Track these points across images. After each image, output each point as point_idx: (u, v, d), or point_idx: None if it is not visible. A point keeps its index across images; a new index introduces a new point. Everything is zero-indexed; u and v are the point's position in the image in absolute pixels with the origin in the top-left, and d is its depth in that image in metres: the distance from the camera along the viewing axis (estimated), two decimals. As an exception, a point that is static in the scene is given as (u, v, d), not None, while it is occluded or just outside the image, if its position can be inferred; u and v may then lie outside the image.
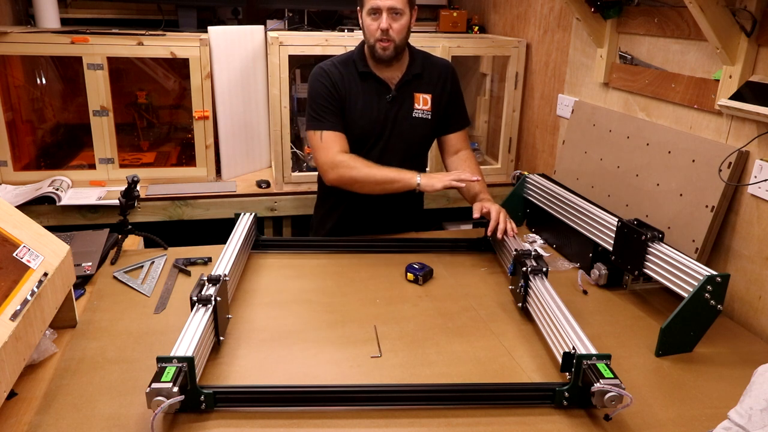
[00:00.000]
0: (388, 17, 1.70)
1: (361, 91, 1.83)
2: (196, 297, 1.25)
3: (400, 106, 1.85)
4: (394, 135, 1.86)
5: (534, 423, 1.10)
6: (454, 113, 1.93)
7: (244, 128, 2.63)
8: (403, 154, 1.89)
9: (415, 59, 1.87)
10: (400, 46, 1.77)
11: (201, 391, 1.09)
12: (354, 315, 1.45)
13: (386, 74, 1.84)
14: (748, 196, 1.51)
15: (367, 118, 1.83)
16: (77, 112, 2.71)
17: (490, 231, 1.66)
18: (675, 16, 1.72)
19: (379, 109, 1.83)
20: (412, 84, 1.85)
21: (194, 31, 2.59)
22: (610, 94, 2.05)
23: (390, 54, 1.76)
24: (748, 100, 1.44)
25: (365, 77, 1.83)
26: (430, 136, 1.95)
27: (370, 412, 1.12)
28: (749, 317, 1.51)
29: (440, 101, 1.89)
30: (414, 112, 1.86)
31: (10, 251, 1.13)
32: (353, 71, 1.83)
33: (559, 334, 1.25)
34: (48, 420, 1.07)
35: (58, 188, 2.29)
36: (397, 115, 1.85)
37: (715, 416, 1.10)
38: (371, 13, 1.73)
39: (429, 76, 1.87)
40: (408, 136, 1.88)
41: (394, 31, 1.72)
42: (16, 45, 2.26)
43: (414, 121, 1.87)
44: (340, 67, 1.84)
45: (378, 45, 1.74)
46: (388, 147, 1.87)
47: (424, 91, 1.87)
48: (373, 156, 1.86)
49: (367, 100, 1.83)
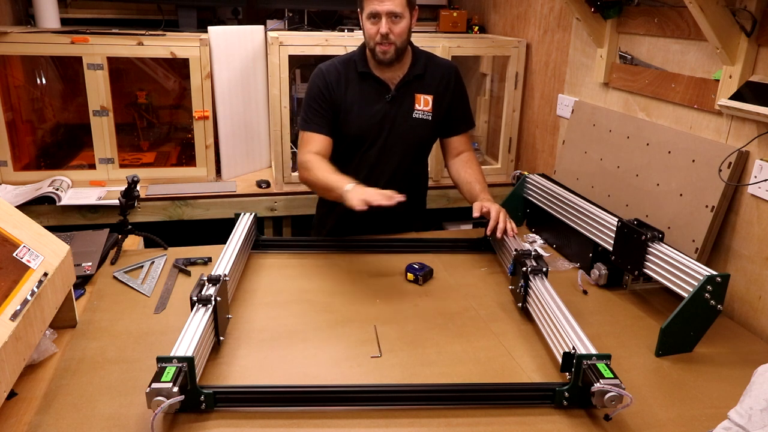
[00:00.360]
0: (388, 21, 1.70)
1: (360, 91, 1.83)
2: (196, 297, 1.25)
3: (399, 106, 1.85)
4: (393, 135, 1.86)
5: (534, 423, 1.10)
6: (457, 115, 1.93)
7: (244, 128, 2.63)
8: (402, 154, 1.89)
9: (417, 60, 1.86)
10: (401, 49, 1.76)
11: (201, 391, 1.09)
12: (354, 315, 1.45)
13: (387, 75, 1.84)
14: (748, 196, 1.51)
15: (365, 118, 1.83)
16: (77, 112, 2.71)
17: (490, 230, 1.66)
18: (675, 16, 1.72)
19: (378, 109, 1.83)
20: (413, 84, 1.85)
21: (194, 31, 2.59)
22: (610, 94, 2.05)
23: (390, 57, 1.76)
24: (748, 100, 1.44)
25: (365, 77, 1.83)
26: (430, 137, 1.95)
27: (370, 412, 1.12)
28: (749, 317, 1.51)
29: (442, 102, 1.88)
30: (414, 112, 1.86)
31: (10, 251, 1.13)
32: (353, 71, 1.83)
33: (559, 334, 1.25)
34: (48, 420, 1.07)
35: (58, 188, 2.29)
36: (396, 115, 1.85)
37: (715, 416, 1.10)
38: (370, 17, 1.73)
39: (431, 77, 1.87)
40: (407, 137, 1.88)
41: (394, 35, 1.72)
42: (16, 45, 2.26)
43: (414, 121, 1.86)
44: (340, 67, 1.84)
45: (378, 48, 1.74)
46: (387, 147, 1.87)
47: (425, 91, 1.86)
48: (371, 156, 1.86)
49: (365, 100, 1.83)
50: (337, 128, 1.87)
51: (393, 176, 1.90)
